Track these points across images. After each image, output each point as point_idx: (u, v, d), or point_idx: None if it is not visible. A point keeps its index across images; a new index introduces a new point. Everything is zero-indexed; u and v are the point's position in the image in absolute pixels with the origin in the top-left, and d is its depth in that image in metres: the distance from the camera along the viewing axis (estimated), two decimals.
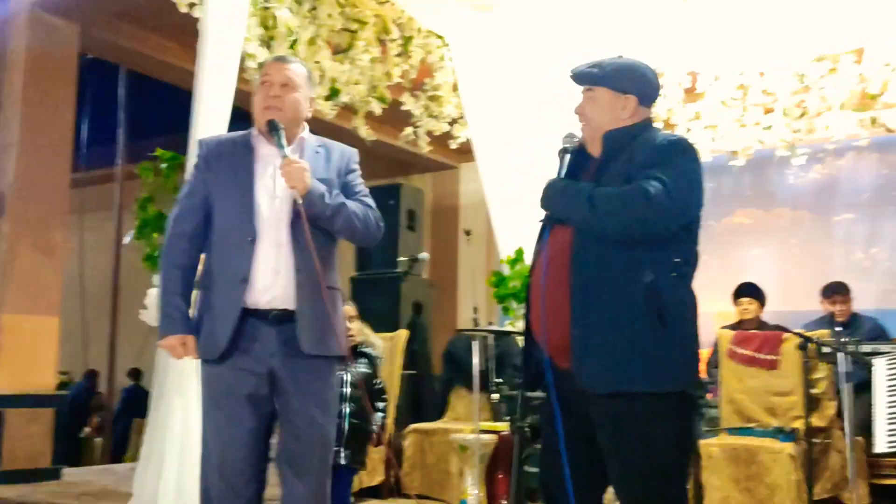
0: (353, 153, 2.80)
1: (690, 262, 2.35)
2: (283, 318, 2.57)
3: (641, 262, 2.26)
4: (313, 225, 2.56)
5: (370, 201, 2.73)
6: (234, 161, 2.63)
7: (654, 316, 2.23)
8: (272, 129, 2.59)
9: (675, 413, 2.29)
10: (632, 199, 2.23)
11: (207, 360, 2.59)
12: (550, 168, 2.56)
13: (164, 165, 3.92)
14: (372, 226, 2.69)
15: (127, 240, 3.99)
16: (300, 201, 2.52)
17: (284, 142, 2.58)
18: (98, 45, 6.59)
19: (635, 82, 2.43)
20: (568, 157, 2.47)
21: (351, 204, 2.65)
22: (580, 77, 2.48)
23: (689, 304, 2.33)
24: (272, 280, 2.56)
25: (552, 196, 2.40)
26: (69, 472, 6.14)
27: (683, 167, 2.29)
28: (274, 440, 2.70)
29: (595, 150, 2.47)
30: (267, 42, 4.96)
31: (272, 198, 2.60)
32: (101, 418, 10.32)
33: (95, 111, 8.38)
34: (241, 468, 2.54)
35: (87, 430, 10.82)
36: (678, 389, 2.28)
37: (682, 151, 2.33)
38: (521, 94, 5.43)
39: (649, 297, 2.23)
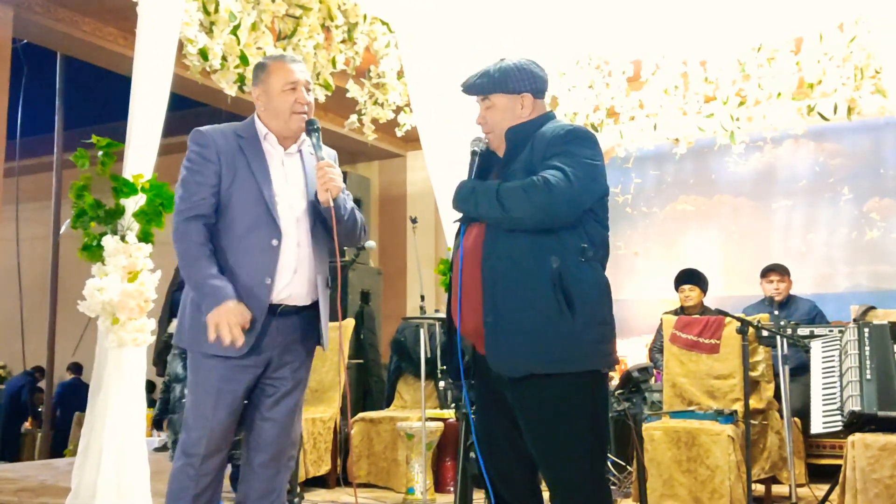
0: (334, 154, 2.86)
1: (598, 245, 2.42)
2: (289, 313, 2.64)
3: (549, 249, 2.35)
4: (318, 226, 2.67)
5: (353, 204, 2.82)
6: (247, 159, 2.63)
7: (562, 299, 2.31)
8: (313, 129, 2.66)
9: (588, 392, 2.36)
10: (534, 189, 2.31)
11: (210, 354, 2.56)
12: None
13: (100, 153, 3.82)
14: (360, 229, 2.79)
15: (62, 229, 3.88)
16: (332, 204, 2.58)
17: (321, 143, 2.65)
18: (33, 29, 6.38)
19: (525, 80, 2.52)
20: (477, 159, 2.56)
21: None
22: (472, 90, 2.57)
23: (597, 286, 2.39)
24: (290, 279, 2.62)
25: (463, 197, 2.48)
26: (6, 468, 6.00)
27: (579, 154, 2.37)
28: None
29: (502, 151, 2.56)
30: (208, 27, 4.86)
31: (291, 199, 2.65)
32: (41, 412, 10.09)
33: (31, 98, 8.13)
34: (219, 447, 2.59)
35: (26, 424, 10.58)
36: (589, 369, 2.35)
37: (577, 139, 2.41)
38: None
39: (556, 281, 2.32)
